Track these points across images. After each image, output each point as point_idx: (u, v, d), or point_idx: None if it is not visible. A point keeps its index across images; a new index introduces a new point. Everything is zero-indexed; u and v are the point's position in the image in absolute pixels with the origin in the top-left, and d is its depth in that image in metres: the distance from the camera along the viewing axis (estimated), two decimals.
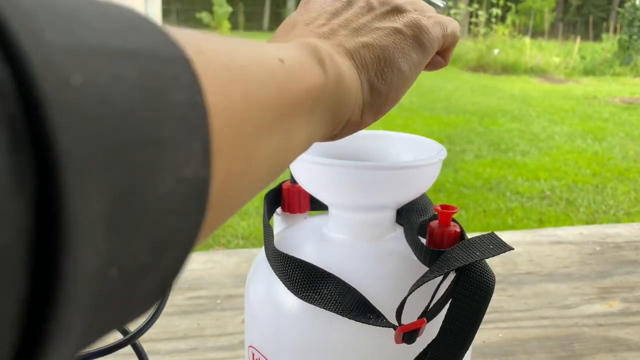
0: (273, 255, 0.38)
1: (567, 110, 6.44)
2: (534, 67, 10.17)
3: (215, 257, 0.92)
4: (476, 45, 11.12)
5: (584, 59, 11.00)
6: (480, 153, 4.55)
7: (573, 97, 7.48)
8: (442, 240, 0.36)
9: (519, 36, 12.24)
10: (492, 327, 0.71)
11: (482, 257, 0.33)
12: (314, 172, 0.37)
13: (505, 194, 3.63)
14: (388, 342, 0.34)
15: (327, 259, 0.38)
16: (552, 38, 15.58)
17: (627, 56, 10.74)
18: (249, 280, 0.43)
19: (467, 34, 13.62)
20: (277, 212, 0.46)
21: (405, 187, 0.37)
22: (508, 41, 11.10)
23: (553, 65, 10.32)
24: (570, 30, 20.42)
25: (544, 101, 7.07)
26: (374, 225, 0.40)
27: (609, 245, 0.96)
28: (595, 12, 23.48)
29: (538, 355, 0.65)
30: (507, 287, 0.82)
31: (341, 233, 0.40)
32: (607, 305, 0.77)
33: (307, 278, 0.35)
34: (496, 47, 10.58)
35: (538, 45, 12.14)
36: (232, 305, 0.77)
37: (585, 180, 3.89)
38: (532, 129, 5.41)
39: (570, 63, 10.55)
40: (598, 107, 6.68)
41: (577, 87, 8.60)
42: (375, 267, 0.38)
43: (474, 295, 0.33)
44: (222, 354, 0.66)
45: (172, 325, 0.71)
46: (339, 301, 0.34)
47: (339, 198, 0.38)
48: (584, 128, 5.51)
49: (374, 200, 0.38)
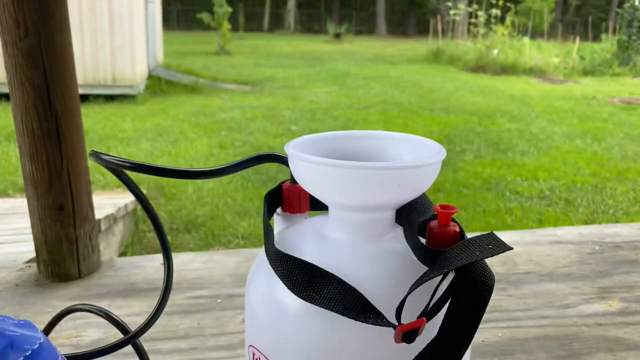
0: (273, 255, 0.38)
1: (566, 111, 6.44)
2: (533, 67, 10.18)
3: (216, 256, 0.92)
4: (475, 46, 11.12)
5: (583, 59, 11.00)
6: (480, 153, 4.55)
7: (572, 97, 7.48)
8: (441, 240, 0.36)
9: (518, 37, 12.25)
10: (491, 326, 0.71)
11: (481, 256, 0.33)
12: (314, 172, 0.37)
13: (504, 193, 3.63)
14: (388, 341, 0.34)
15: (327, 258, 0.38)
16: (552, 38, 15.58)
17: (626, 56, 10.75)
18: (250, 280, 0.43)
19: (467, 34, 13.62)
20: (278, 212, 0.47)
21: (404, 187, 0.37)
22: (507, 42, 11.10)
23: (552, 65, 10.32)
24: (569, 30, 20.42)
25: (543, 101, 7.07)
26: (373, 225, 0.40)
27: (608, 245, 0.96)
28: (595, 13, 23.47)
29: (537, 354, 0.66)
30: (506, 287, 0.82)
31: (341, 233, 0.40)
32: (606, 304, 0.77)
33: (307, 278, 0.35)
34: (495, 48, 10.58)
35: (537, 46, 12.14)
36: (233, 304, 0.77)
37: (585, 180, 3.89)
38: (532, 129, 5.42)
39: (570, 63, 10.55)
40: (597, 108, 6.69)
41: (576, 87, 8.61)
42: (375, 266, 0.38)
43: (473, 295, 0.33)
44: (222, 353, 0.66)
45: (172, 325, 0.72)
46: (339, 301, 0.34)
47: (339, 198, 0.38)
48: (583, 128, 5.51)
49: (374, 200, 0.38)
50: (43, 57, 0.78)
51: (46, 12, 0.77)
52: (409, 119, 5.69)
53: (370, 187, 0.37)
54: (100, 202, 2.70)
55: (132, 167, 0.43)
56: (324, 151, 0.42)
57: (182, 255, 0.93)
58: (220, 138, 4.86)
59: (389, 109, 6.23)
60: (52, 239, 0.84)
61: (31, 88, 0.78)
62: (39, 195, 0.82)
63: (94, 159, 0.44)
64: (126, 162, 0.43)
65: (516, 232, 1.06)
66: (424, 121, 5.65)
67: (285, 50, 14.49)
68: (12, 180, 3.49)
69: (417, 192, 0.39)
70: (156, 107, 6.25)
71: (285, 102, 6.67)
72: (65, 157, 0.82)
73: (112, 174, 0.46)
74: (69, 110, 0.81)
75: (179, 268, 0.87)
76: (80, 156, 0.84)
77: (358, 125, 5.33)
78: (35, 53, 0.77)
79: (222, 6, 12.48)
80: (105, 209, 2.54)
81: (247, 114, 5.91)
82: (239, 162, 0.47)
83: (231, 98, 6.95)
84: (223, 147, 4.57)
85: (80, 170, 0.85)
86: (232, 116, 5.81)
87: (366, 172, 0.36)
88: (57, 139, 0.81)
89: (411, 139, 0.43)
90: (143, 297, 0.79)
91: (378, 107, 6.32)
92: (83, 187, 0.85)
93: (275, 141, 4.73)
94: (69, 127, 0.82)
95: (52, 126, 0.80)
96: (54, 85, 0.79)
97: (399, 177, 0.37)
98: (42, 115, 0.79)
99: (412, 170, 0.37)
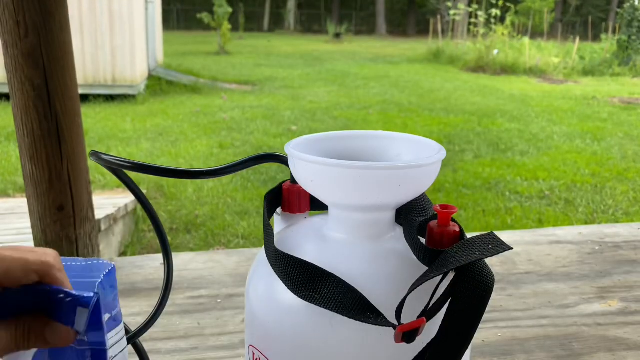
0: (273, 255, 0.38)
1: (566, 111, 6.44)
2: (533, 67, 10.18)
3: (216, 256, 0.92)
4: (475, 46, 11.12)
5: (583, 59, 11.00)
6: (480, 153, 4.55)
7: (572, 97, 7.48)
8: (441, 240, 0.36)
9: (518, 37, 12.24)
10: (491, 326, 0.71)
11: (481, 256, 0.34)
12: (314, 172, 0.37)
13: (504, 193, 3.63)
14: (388, 341, 0.35)
15: (327, 258, 0.38)
16: (551, 38, 15.58)
17: (626, 56, 10.75)
18: (250, 280, 0.43)
19: (467, 34, 13.62)
20: (278, 212, 0.47)
21: (404, 187, 0.37)
22: (507, 42, 11.10)
23: (552, 65, 10.32)
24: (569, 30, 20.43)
25: (543, 101, 7.07)
26: (373, 225, 0.40)
27: (608, 245, 0.96)
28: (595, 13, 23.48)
29: (537, 354, 0.66)
30: (506, 287, 0.82)
31: (341, 233, 0.40)
32: (606, 304, 0.77)
33: (307, 277, 0.35)
34: (495, 48, 10.58)
35: (537, 46, 12.13)
36: (233, 304, 0.77)
37: (584, 180, 3.89)
38: (531, 129, 5.42)
39: (570, 63, 10.55)
40: (597, 108, 6.69)
41: (576, 87, 8.61)
42: (375, 266, 0.38)
43: (473, 295, 0.33)
44: (222, 353, 0.66)
45: (172, 325, 0.72)
46: (339, 300, 0.34)
47: (338, 198, 0.38)
48: (583, 128, 5.51)
49: (374, 200, 0.38)
50: (43, 57, 0.78)
51: (46, 12, 0.77)
52: (409, 119, 5.69)
53: (370, 187, 0.37)
54: (100, 202, 2.70)
55: (132, 167, 0.43)
56: (323, 151, 0.42)
57: (182, 255, 0.93)
58: (220, 138, 4.86)
59: (388, 109, 6.23)
60: (52, 238, 0.84)
61: (31, 88, 0.78)
62: (39, 195, 0.82)
63: (94, 159, 0.44)
64: (126, 162, 0.43)
65: (516, 232, 1.06)
66: (424, 121, 5.65)
67: (285, 50, 14.50)
68: (12, 180, 3.50)
69: (417, 192, 0.39)
70: (156, 107, 6.25)
71: (285, 102, 6.67)
72: (65, 157, 0.82)
73: (112, 174, 0.46)
74: (69, 110, 0.81)
75: (179, 268, 0.87)
76: (80, 156, 0.84)
77: (358, 125, 5.33)
78: (35, 53, 0.77)
79: (222, 6, 12.47)
80: (105, 209, 2.54)
81: (247, 114, 5.91)
82: (239, 162, 0.47)
83: (231, 98, 6.95)
84: (223, 147, 4.58)
85: (80, 170, 0.85)
86: (232, 116, 5.81)
87: (366, 172, 0.36)
88: (57, 139, 0.81)
89: (411, 139, 0.43)
90: (143, 296, 0.79)
91: (378, 107, 6.32)
92: (83, 187, 0.85)
93: (275, 141, 4.73)
94: (69, 127, 0.82)
95: (52, 126, 0.80)
96: (54, 85, 0.79)
97: (399, 177, 0.37)
98: (42, 115, 0.79)
99: (412, 170, 0.37)
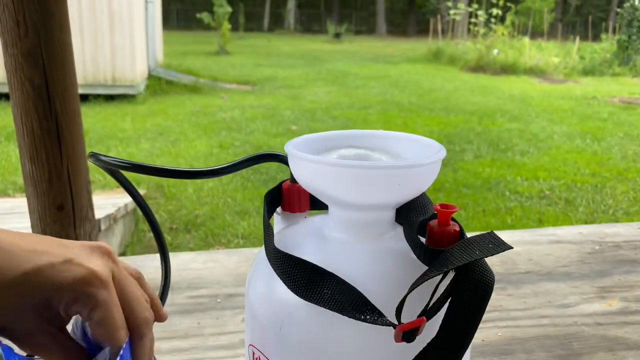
0: (273, 255, 0.38)
1: (566, 110, 6.44)
2: (533, 67, 10.18)
3: (216, 256, 0.92)
4: (475, 46, 11.12)
5: (583, 59, 11.00)
6: (480, 153, 4.55)
7: (572, 97, 7.48)
8: (441, 240, 0.36)
9: (518, 36, 12.25)
10: (491, 326, 0.71)
11: (481, 256, 0.33)
12: (314, 172, 0.37)
13: (504, 193, 3.63)
14: (388, 340, 0.34)
15: (327, 258, 0.38)
16: (552, 38, 15.58)
17: (626, 56, 10.75)
18: (250, 280, 0.43)
19: (467, 34, 13.62)
20: (277, 212, 0.47)
21: (404, 187, 0.37)
22: (507, 41, 11.10)
23: (552, 65, 10.32)
24: (569, 30, 20.42)
25: (543, 101, 7.07)
26: (373, 224, 0.40)
27: (608, 245, 0.96)
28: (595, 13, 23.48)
29: (537, 354, 0.66)
30: (506, 286, 0.82)
31: (341, 232, 0.40)
32: (606, 304, 0.77)
33: (307, 277, 0.35)
34: (495, 48, 10.58)
35: (537, 46, 12.14)
36: (233, 304, 0.77)
37: (585, 180, 3.89)
38: (531, 129, 5.42)
39: (570, 63, 10.55)
40: (597, 107, 6.69)
41: (576, 87, 8.61)
42: (375, 266, 0.38)
43: (473, 294, 0.33)
44: (222, 352, 0.66)
45: (172, 324, 0.72)
46: (339, 300, 0.34)
47: (338, 197, 0.38)
48: (583, 128, 5.51)
49: (374, 199, 0.38)
50: (43, 57, 0.78)
51: (46, 11, 0.77)
52: (409, 119, 5.69)
53: (370, 186, 0.37)
54: (100, 202, 2.70)
55: (131, 168, 0.43)
56: (323, 151, 0.42)
57: (182, 254, 0.93)
58: (220, 138, 4.86)
59: (388, 108, 6.23)
60: None
61: (31, 88, 0.78)
62: (39, 195, 0.82)
63: (92, 161, 0.44)
64: (125, 163, 0.43)
65: (516, 232, 1.06)
66: (424, 121, 5.65)
67: (285, 50, 14.50)
68: (12, 180, 3.50)
69: (417, 191, 0.39)
70: (156, 107, 6.25)
71: (285, 102, 6.67)
72: (65, 156, 0.82)
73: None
74: (69, 110, 0.81)
75: (179, 268, 0.87)
76: (80, 156, 0.84)
77: (358, 125, 5.33)
78: (35, 53, 0.77)
79: (222, 6, 12.47)
80: (105, 209, 2.55)
81: (247, 114, 5.91)
82: (239, 161, 0.47)
83: (231, 98, 6.95)
84: (223, 147, 4.58)
85: (80, 170, 0.85)
86: (232, 116, 5.81)
87: (366, 171, 0.36)
88: (57, 139, 0.81)
89: (411, 139, 0.43)
90: None
91: (378, 106, 6.32)
92: (83, 187, 0.85)
93: (275, 141, 4.73)
94: (68, 127, 0.82)
95: (52, 126, 0.80)
96: (53, 84, 0.79)
97: (399, 177, 0.37)
98: (42, 115, 0.79)
99: (412, 170, 0.37)
